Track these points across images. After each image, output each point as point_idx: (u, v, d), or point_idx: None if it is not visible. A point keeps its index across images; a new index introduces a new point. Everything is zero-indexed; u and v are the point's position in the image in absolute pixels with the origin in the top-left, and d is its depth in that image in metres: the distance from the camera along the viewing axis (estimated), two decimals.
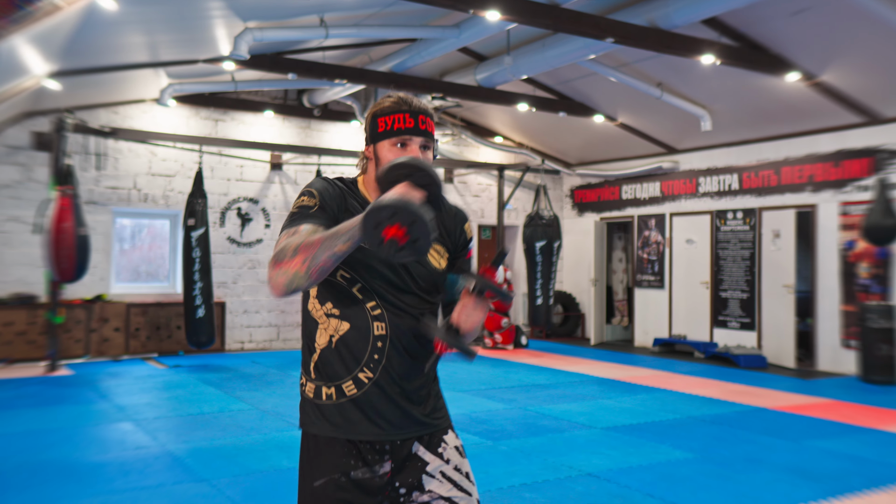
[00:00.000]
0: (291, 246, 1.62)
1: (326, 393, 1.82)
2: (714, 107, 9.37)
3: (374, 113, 1.84)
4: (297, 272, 1.62)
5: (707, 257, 10.59)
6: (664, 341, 10.84)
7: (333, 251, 1.61)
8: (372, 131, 1.84)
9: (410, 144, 1.81)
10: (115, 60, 7.43)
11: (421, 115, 1.81)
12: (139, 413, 6.01)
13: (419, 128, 1.80)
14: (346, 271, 1.78)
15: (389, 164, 1.67)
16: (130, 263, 10.15)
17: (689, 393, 7.35)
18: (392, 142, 1.80)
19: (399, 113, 1.80)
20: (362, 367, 1.80)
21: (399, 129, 1.79)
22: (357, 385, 1.80)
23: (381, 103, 1.85)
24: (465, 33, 7.38)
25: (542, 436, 5.44)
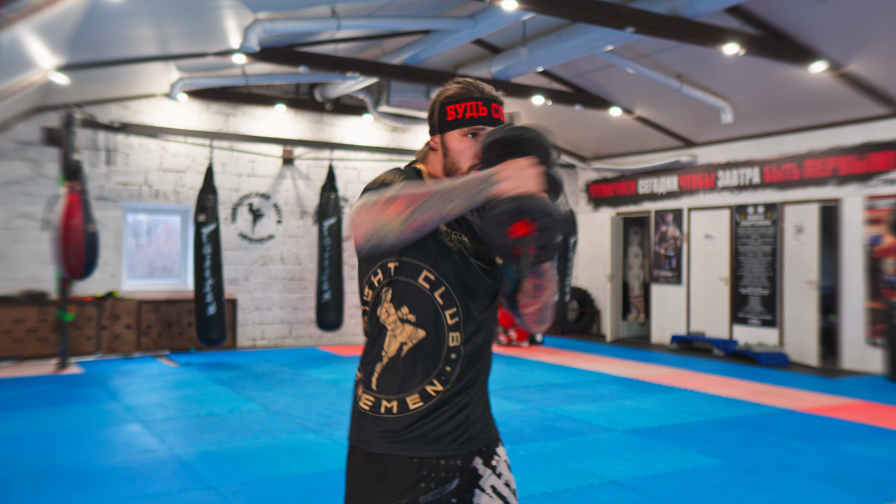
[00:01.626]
0: (387, 194, 1.45)
1: (386, 406, 1.65)
2: (735, 98, 9.12)
3: (443, 101, 1.69)
4: (393, 220, 1.43)
5: (726, 253, 10.35)
6: (682, 338, 10.63)
7: (444, 209, 1.44)
8: (440, 120, 1.69)
9: (482, 135, 1.66)
10: (123, 53, 7.30)
11: (494, 102, 1.67)
12: (148, 414, 5.89)
13: (492, 116, 1.66)
14: (432, 272, 1.63)
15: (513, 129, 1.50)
16: (142, 260, 10.06)
17: (711, 393, 7.15)
18: (463, 132, 1.66)
19: (471, 101, 1.66)
20: (431, 380, 1.64)
21: (472, 117, 1.65)
22: (423, 398, 1.64)
23: (448, 89, 1.70)
24: (480, 24, 7.20)
25: (561, 439, 5.26)
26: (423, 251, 1.63)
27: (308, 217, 10.53)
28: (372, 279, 1.68)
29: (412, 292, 1.65)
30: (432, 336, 1.64)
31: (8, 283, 8.73)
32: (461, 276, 1.65)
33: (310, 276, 10.45)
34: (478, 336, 1.70)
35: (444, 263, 1.63)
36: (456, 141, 1.67)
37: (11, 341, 8.48)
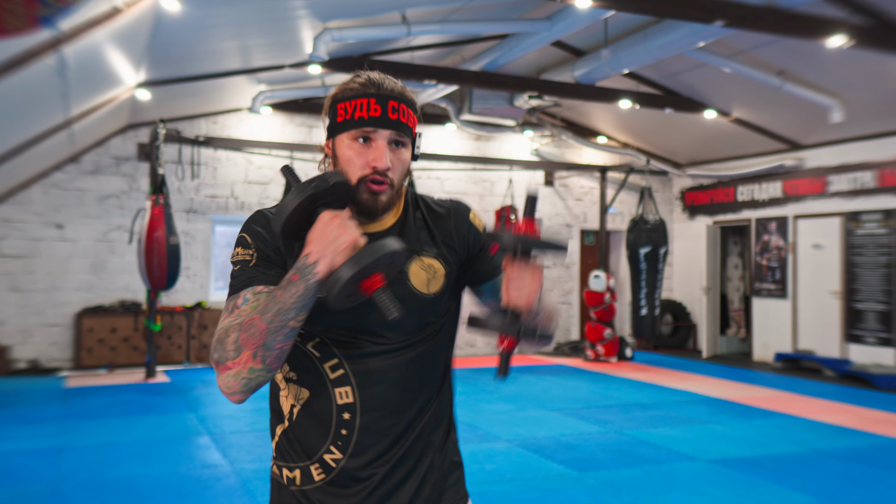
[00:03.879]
0: (230, 339, 1.24)
1: (288, 476, 1.42)
2: (845, 95, 8.34)
3: (335, 97, 1.40)
4: (252, 369, 1.24)
5: (837, 264, 9.50)
6: (787, 356, 9.83)
7: (285, 330, 1.24)
8: (331, 120, 1.40)
9: (375, 139, 1.36)
10: (204, 69, 7.45)
11: (392, 100, 1.36)
12: (218, 426, 5.90)
13: (388, 117, 1.35)
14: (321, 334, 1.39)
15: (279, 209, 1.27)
16: None
17: (817, 419, 6.48)
18: (352, 136, 1.37)
19: (362, 98, 1.36)
20: (328, 447, 1.38)
21: (361, 118, 1.35)
22: (324, 469, 1.39)
23: (345, 84, 1.40)
24: (557, 25, 6.88)
25: (636, 467, 4.85)
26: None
27: None
28: None
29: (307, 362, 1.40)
30: (317, 395, 1.38)
31: (104, 293, 9.10)
32: (341, 315, 1.35)
33: None
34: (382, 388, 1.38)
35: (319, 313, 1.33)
36: (345, 146, 1.37)
37: (106, 350, 8.82)
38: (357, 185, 1.36)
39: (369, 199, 1.37)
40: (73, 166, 9.00)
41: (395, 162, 1.38)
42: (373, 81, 1.38)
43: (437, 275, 1.44)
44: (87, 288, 9.02)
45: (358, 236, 1.26)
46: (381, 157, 1.35)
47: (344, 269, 1.22)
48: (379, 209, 1.38)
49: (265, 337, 1.23)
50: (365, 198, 1.37)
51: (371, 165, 1.35)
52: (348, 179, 1.31)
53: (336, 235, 1.24)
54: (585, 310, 11.35)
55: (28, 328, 8.72)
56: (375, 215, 1.39)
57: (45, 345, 8.79)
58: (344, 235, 1.24)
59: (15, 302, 8.69)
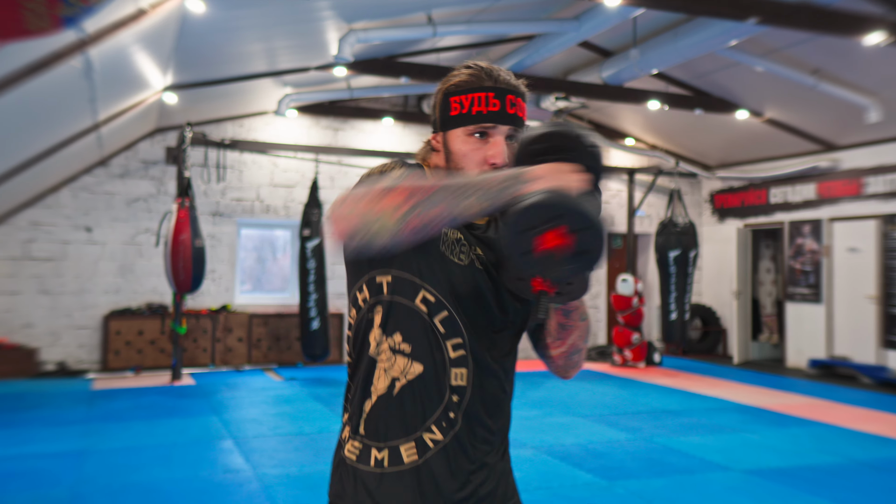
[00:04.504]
0: (382, 184, 1.14)
1: (376, 458, 1.33)
2: (883, 94, 8.10)
3: (446, 90, 1.35)
4: (388, 214, 1.11)
5: (873, 268, 9.23)
6: (822, 363, 9.57)
7: (457, 207, 1.11)
8: (443, 114, 1.35)
9: (493, 135, 1.31)
10: (229, 71, 7.45)
11: (510, 94, 1.32)
12: (242, 430, 5.87)
13: (506, 111, 1.31)
14: (431, 292, 1.29)
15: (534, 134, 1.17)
16: (277, 273, 10.32)
17: (854, 429, 6.27)
18: (468, 130, 1.31)
19: (480, 92, 1.30)
20: (429, 427, 1.31)
21: (479, 113, 1.30)
22: (420, 449, 1.31)
23: (454, 76, 1.35)
24: (585, 25, 6.76)
25: (667, 477, 4.71)
26: (422, 264, 1.29)
27: None
28: (357, 297, 1.36)
29: (406, 316, 1.31)
30: (430, 371, 1.31)
31: (132, 295, 9.15)
32: (472, 299, 1.31)
33: None
34: (491, 379, 1.35)
35: (450, 281, 1.29)
36: (460, 142, 1.32)
37: (133, 352, 8.86)
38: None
39: None
40: (102, 170, 9.07)
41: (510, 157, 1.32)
42: (489, 74, 1.33)
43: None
44: (114, 290, 9.07)
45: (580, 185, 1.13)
46: (500, 154, 1.30)
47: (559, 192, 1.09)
48: None
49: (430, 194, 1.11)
50: None
51: (490, 162, 1.30)
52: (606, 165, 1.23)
53: (569, 179, 1.12)
54: (613, 314, 11.18)
55: (56, 330, 8.79)
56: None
57: (73, 347, 8.85)
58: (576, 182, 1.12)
59: (44, 304, 8.77)
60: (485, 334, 1.33)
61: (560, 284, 1.20)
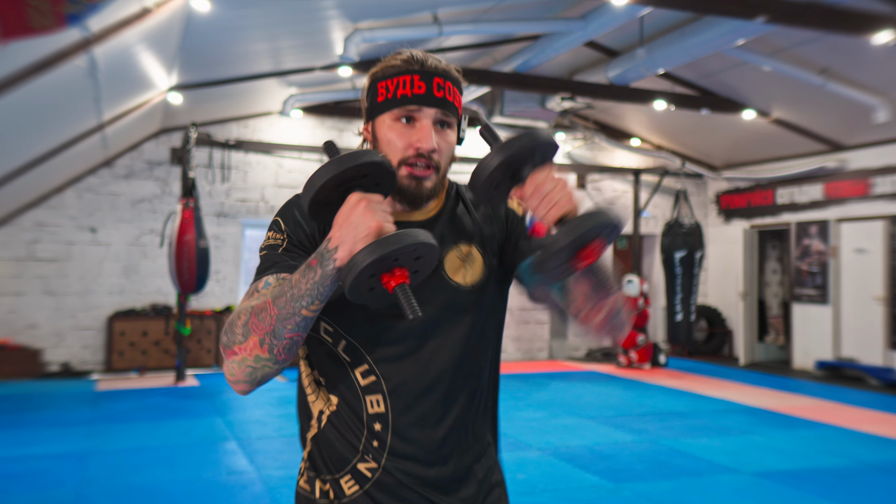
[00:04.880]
0: (240, 322, 1.14)
1: (321, 489, 1.30)
2: (891, 94, 8.04)
3: (374, 75, 1.29)
4: (258, 357, 1.14)
5: (881, 269, 9.17)
6: (829, 364, 9.51)
7: (297, 318, 1.11)
8: (370, 101, 1.29)
9: (420, 119, 1.25)
10: (234, 72, 7.43)
11: (437, 77, 1.25)
12: (245, 431, 5.84)
13: (433, 94, 1.24)
14: (329, 323, 1.26)
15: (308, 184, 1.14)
16: None
17: (863, 431, 6.22)
18: (394, 115, 1.25)
19: (405, 75, 1.24)
20: (362, 456, 1.27)
21: (404, 96, 1.24)
22: (358, 480, 1.27)
23: (384, 62, 1.29)
24: (592, 24, 6.72)
25: (674, 479, 4.67)
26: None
27: None
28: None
29: (318, 348, 1.29)
30: (346, 402, 1.27)
31: (136, 296, 9.14)
32: (367, 321, 1.25)
33: None
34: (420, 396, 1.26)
35: (346, 308, 1.23)
36: (386, 128, 1.26)
37: (137, 353, 8.84)
38: (398, 168, 1.25)
39: (413, 184, 1.25)
40: (107, 170, 9.06)
41: (441, 144, 1.27)
42: (416, 58, 1.26)
43: (476, 264, 1.32)
44: (119, 291, 9.06)
45: (384, 222, 1.12)
46: (427, 138, 1.24)
47: (360, 256, 1.10)
48: (423, 196, 1.27)
49: (274, 323, 1.12)
50: (407, 183, 1.25)
51: (415, 146, 1.24)
52: (386, 160, 1.16)
53: (360, 220, 1.11)
54: None
55: (60, 331, 8.78)
56: (419, 203, 1.28)
57: (78, 348, 8.84)
58: (368, 220, 1.11)
59: (48, 305, 8.76)
60: (397, 356, 1.26)
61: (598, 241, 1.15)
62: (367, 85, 1.30)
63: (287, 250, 1.26)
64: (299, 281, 1.13)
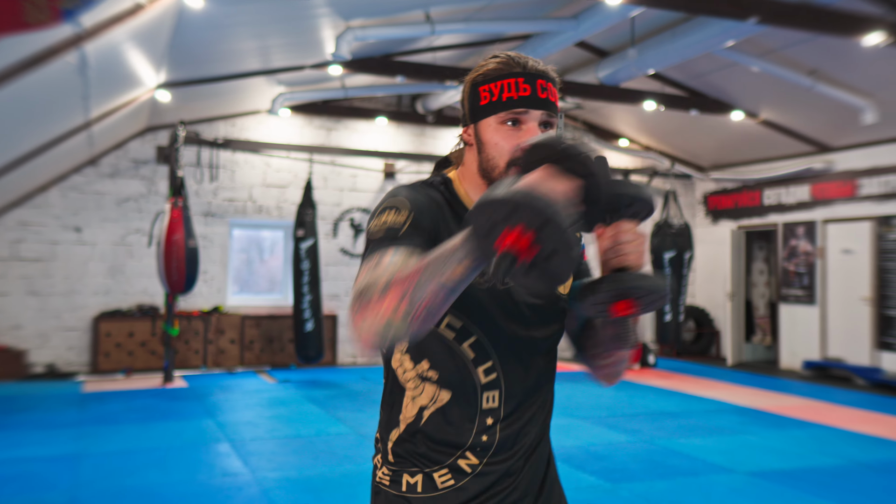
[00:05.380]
0: (380, 281, 1.08)
1: (409, 482, 1.30)
2: (879, 96, 8.11)
3: (474, 80, 1.30)
4: (393, 317, 1.07)
5: (868, 270, 9.25)
6: (816, 364, 9.58)
7: (444, 280, 1.04)
8: (472, 105, 1.30)
9: (527, 121, 1.26)
10: (223, 70, 7.36)
11: (540, 78, 1.26)
12: (238, 433, 5.77)
13: (538, 96, 1.25)
14: (457, 316, 1.26)
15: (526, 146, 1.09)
16: (265, 274, 10.20)
17: (852, 430, 6.26)
18: (500, 119, 1.26)
19: (509, 78, 1.26)
20: (464, 453, 1.28)
21: (510, 99, 1.25)
22: (455, 475, 1.28)
23: (482, 66, 1.30)
24: (584, 24, 6.72)
25: (671, 479, 4.67)
26: None
27: None
28: None
29: (434, 341, 1.27)
30: (460, 398, 1.28)
31: (122, 297, 9.02)
32: (499, 321, 1.28)
33: None
34: (528, 395, 1.32)
35: (476, 305, 1.25)
36: (492, 131, 1.27)
37: (124, 354, 8.73)
38: (506, 170, 1.26)
39: None
40: (92, 169, 8.94)
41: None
42: (516, 60, 1.28)
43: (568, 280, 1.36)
44: (104, 292, 8.94)
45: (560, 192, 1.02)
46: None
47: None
48: None
49: (417, 282, 1.03)
50: None
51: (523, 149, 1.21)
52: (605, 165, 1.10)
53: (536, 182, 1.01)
54: None
55: (45, 332, 8.65)
56: None
57: (63, 349, 8.71)
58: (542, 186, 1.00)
59: (33, 306, 8.62)
60: (516, 354, 1.30)
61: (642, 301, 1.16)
62: (468, 89, 1.31)
63: (411, 229, 1.20)
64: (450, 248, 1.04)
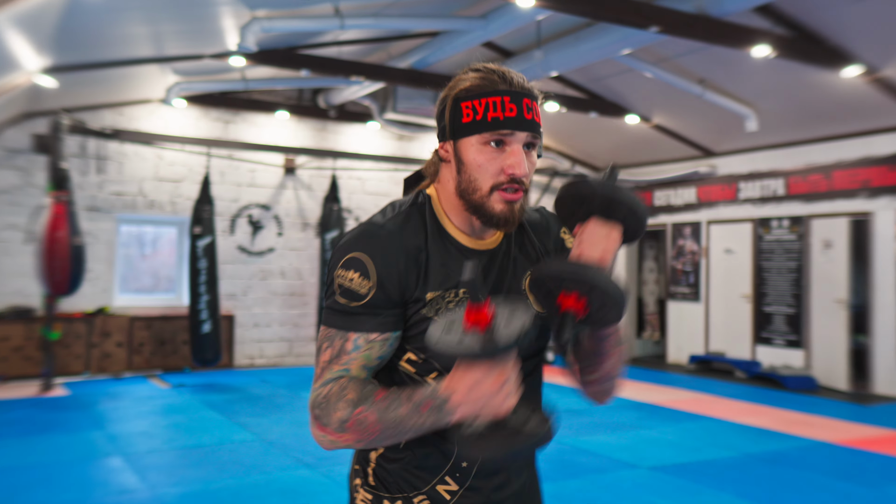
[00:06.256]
0: (336, 415, 1.14)
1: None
2: (761, 105, 8.64)
3: (457, 95, 1.22)
4: (351, 446, 1.19)
5: (748, 269, 9.85)
6: (701, 359, 10.11)
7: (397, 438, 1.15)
8: (453, 121, 1.22)
9: (511, 143, 1.20)
10: (114, 55, 6.89)
11: (526, 98, 1.20)
12: (131, 445, 5.42)
13: (524, 117, 1.19)
14: (417, 353, 1.22)
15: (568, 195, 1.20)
16: (146, 270, 9.62)
17: (738, 422, 6.64)
18: (484, 139, 1.19)
19: (495, 96, 1.18)
20: (444, 478, 1.24)
21: (496, 119, 1.18)
22: (433, 501, 1.24)
23: (464, 80, 1.23)
24: (493, 24, 6.75)
25: (581, 477, 4.77)
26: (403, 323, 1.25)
27: (310, 229, 10.08)
28: None
29: (399, 376, 1.25)
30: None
31: None
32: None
33: (311, 291, 9.99)
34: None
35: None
36: (474, 151, 1.21)
37: None
38: (489, 194, 1.21)
39: (506, 209, 1.22)
40: None
41: (529, 166, 1.23)
42: (503, 77, 1.20)
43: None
44: None
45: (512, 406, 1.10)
46: (521, 163, 1.20)
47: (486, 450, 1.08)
48: (516, 219, 1.23)
49: (375, 436, 1.14)
50: (500, 209, 1.21)
51: (507, 172, 1.20)
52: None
53: (488, 400, 1.09)
54: None
55: None
56: (511, 227, 1.24)
57: None
58: (495, 404, 1.09)
59: None
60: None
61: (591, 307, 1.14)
62: (449, 104, 1.23)
63: (374, 303, 1.18)
64: (408, 415, 1.11)
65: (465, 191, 1.22)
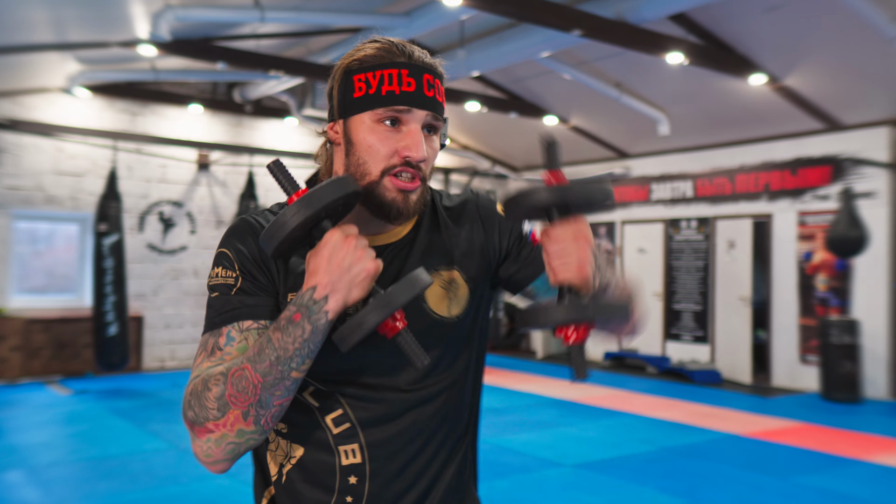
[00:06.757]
0: (211, 394, 0.96)
1: None
2: (672, 110, 8.96)
3: (348, 66, 1.07)
4: (241, 432, 0.98)
5: (659, 268, 10.20)
6: (615, 355, 10.40)
7: (286, 382, 0.97)
8: (342, 97, 1.07)
9: (408, 122, 1.05)
10: (10, 40, 6.42)
11: (427, 73, 1.06)
12: (32, 457, 5.07)
13: (424, 94, 1.05)
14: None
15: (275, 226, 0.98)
16: (40, 268, 9.02)
17: (653, 416, 6.84)
18: (377, 116, 1.05)
19: (391, 68, 1.04)
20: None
21: (390, 93, 1.03)
22: None
23: (358, 51, 1.07)
24: (417, 22, 6.69)
25: (507, 477, 4.79)
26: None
27: (224, 226, 9.74)
28: None
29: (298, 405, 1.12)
30: (314, 453, 1.09)
31: None
32: (350, 358, 1.06)
33: None
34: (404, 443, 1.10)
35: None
36: (365, 130, 1.05)
37: None
38: (380, 178, 1.06)
39: (399, 198, 1.06)
40: None
41: (429, 152, 1.08)
42: (400, 48, 1.06)
43: (460, 292, 1.15)
44: None
45: (378, 264, 0.98)
46: (417, 145, 1.05)
47: (370, 315, 0.95)
48: (410, 211, 1.08)
49: (260, 392, 0.96)
50: (392, 197, 1.06)
51: (402, 154, 1.05)
52: (357, 184, 1.02)
53: (350, 263, 0.96)
54: None
55: None
56: (404, 219, 1.09)
57: None
58: (360, 263, 0.97)
59: None
60: (377, 394, 1.09)
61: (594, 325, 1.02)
62: (339, 77, 1.08)
63: (243, 290, 1.05)
64: (283, 340, 0.96)
65: (353, 175, 1.06)
